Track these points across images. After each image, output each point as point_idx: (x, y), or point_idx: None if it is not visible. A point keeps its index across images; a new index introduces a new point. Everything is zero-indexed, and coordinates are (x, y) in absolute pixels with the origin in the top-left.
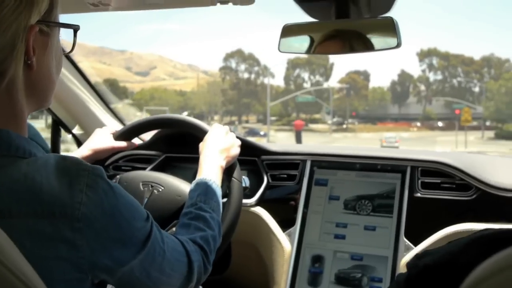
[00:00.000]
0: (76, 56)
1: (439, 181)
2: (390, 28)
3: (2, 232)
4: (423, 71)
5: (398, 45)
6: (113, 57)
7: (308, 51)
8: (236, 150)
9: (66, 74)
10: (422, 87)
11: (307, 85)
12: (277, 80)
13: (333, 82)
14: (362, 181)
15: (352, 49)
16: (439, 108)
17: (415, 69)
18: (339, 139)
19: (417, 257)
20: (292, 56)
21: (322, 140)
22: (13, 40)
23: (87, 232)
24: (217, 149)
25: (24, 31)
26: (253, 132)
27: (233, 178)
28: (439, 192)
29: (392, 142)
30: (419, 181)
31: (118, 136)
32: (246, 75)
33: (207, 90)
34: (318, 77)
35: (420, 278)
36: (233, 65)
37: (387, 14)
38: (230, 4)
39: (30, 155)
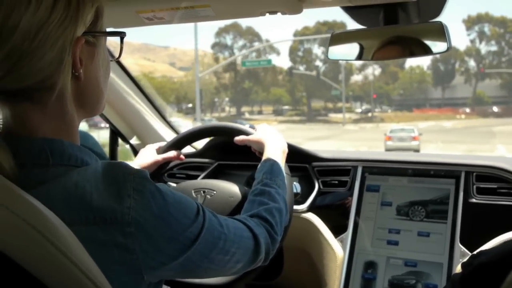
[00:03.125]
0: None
1: (495, 186)
2: (440, 33)
3: (70, 232)
4: (472, 41)
5: (449, 49)
6: (157, 53)
7: (359, 58)
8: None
9: (119, 83)
10: (472, 63)
11: (319, 63)
12: (283, 59)
13: None
14: (415, 187)
15: (412, 54)
16: (494, 89)
17: (462, 40)
18: (336, 134)
19: (473, 256)
20: (299, 26)
21: (316, 135)
22: (60, 55)
23: (139, 235)
24: (280, 142)
25: (71, 44)
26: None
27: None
28: (495, 198)
29: (404, 138)
30: (474, 187)
31: (170, 146)
32: (244, 54)
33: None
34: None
35: (475, 276)
36: (228, 41)
37: (436, 19)
38: (279, 14)
39: (82, 163)
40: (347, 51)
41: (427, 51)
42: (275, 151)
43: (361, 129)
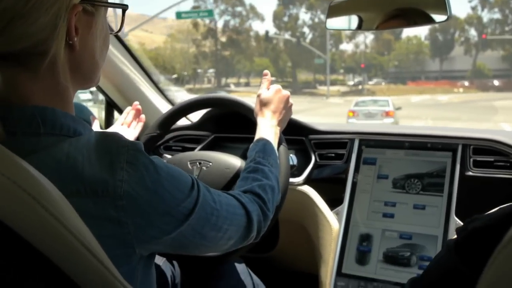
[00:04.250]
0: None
1: (492, 159)
2: (441, 1)
3: (64, 199)
4: (474, 8)
5: (448, 18)
6: (155, 24)
7: (359, 27)
8: (289, 112)
9: (117, 55)
10: (472, 32)
11: (305, 30)
12: (268, 26)
13: None
14: (411, 160)
15: (415, 23)
16: (496, 61)
17: (463, 7)
18: (314, 108)
19: (467, 222)
20: None
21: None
22: (54, 20)
23: (131, 209)
24: (275, 117)
25: (66, 10)
26: None
27: (281, 145)
28: (492, 171)
29: (374, 114)
30: (471, 160)
31: (163, 120)
32: (226, 19)
33: (177, 40)
34: (321, 17)
35: (469, 240)
36: (209, 5)
37: None
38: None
39: (75, 133)
40: (347, 21)
41: (429, 20)
42: (268, 130)
43: (346, 102)
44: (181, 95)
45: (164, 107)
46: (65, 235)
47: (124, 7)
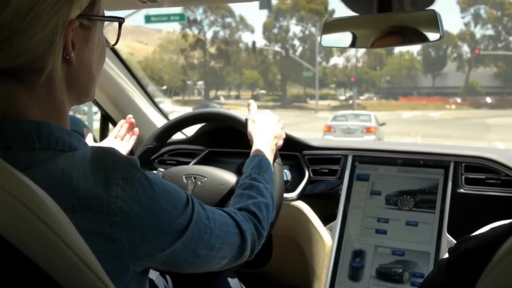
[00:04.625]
0: (112, 35)
1: (483, 177)
2: (433, 21)
3: (63, 213)
4: (467, 24)
5: (441, 37)
6: (150, 36)
7: (353, 45)
8: (281, 142)
9: (112, 67)
10: (465, 48)
11: (296, 42)
12: (258, 37)
13: None
14: (404, 176)
15: (410, 42)
16: (488, 79)
17: (456, 23)
18: (300, 122)
19: (459, 242)
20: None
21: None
22: (51, 36)
23: (125, 225)
24: (269, 134)
25: (63, 26)
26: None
27: (274, 163)
28: (484, 188)
29: (353, 130)
30: (463, 177)
31: (160, 132)
32: (215, 30)
33: (166, 50)
34: (311, 29)
35: (461, 261)
36: (198, 16)
37: (430, 7)
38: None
39: (70, 148)
40: (342, 38)
41: (423, 38)
42: (264, 146)
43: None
44: (165, 107)
45: (158, 120)
46: (63, 249)
47: (120, 21)
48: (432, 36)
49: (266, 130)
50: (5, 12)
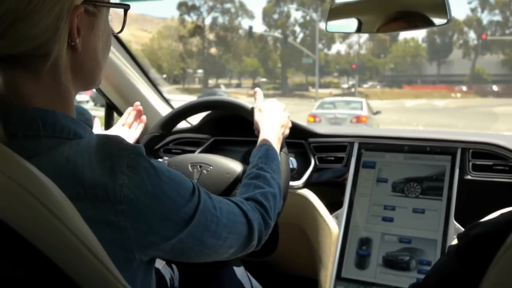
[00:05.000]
0: (117, 24)
1: (491, 163)
2: (441, 5)
3: (68, 200)
4: (473, 10)
5: (448, 21)
6: (154, 24)
7: (359, 30)
8: (288, 131)
9: (117, 55)
10: (471, 34)
11: (297, 28)
12: (258, 24)
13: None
14: (411, 163)
15: (416, 27)
16: (495, 66)
17: (462, 9)
18: (298, 110)
19: (468, 228)
20: None
21: None
22: (56, 21)
23: (131, 213)
24: (276, 123)
25: (68, 12)
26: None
27: (281, 152)
28: (491, 175)
29: (340, 120)
30: (470, 163)
31: (166, 121)
32: (214, 16)
33: (164, 37)
34: (313, 15)
35: (470, 247)
36: (196, 1)
37: None
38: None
39: (75, 136)
40: (347, 24)
41: (429, 23)
42: (271, 135)
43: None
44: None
45: (163, 109)
46: (69, 237)
47: (126, 7)
48: (439, 20)
49: (273, 119)
50: None
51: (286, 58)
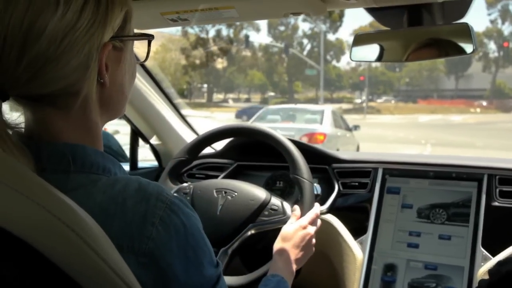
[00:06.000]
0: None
1: None
2: (466, 34)
3: (100, 229)
4: (493, 21)
5: (474, 50)
6: (159, 38)
7: (386, 59)
8: (309, 250)
9: (141, 80)
10: (492, 45)
11: (304, 40)
12: (263, 36)
13: (345, 34)
14: (436, 190)
15: (447, 55)
16: None
17: (481, 20)
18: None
19: (499, 264)
20: None
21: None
22: (86, 61)
23: (151, 268)
24: (287, 248)
25: (97, 50)
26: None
27: (304, 180)
28: None
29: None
30: (497, 190)
31: (191, 147)
32: (218, 28)
33: (168, 50)
34: (321, 26)
35: (503, 284)
36: None
37: (462, 20)
38: (302, 15)
39: (104, 171)
40: (372, 52)
41: (460, 51)
42: (284, 266)
43: None
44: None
45: (187, 134)
46: (107, 272)
47: (150, 38)
48: (465, 48)
49: (283, 245)
50: (40, 40)
51: (292, 71)
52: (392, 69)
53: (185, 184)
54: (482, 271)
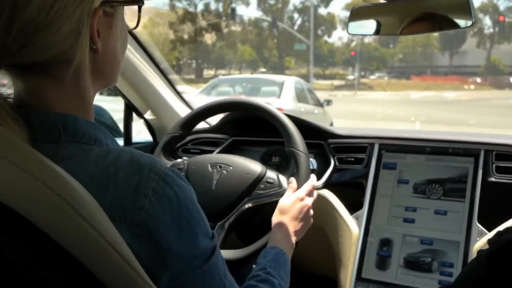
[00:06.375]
0: (128, 17)
1: None
2: (465, 7)
3: (93, 199)
4: None
5: (473, 24)
6: (146, 12)
7: (382, 32)
8: (308, 222)
9: (134, 54)
10: (487, 21)
11: (295, 15)
12: (252, 9)
13: (337, 8)
14: (433, 165)
15: (440, 28)
16: None
17: None
18: None
19: (499, 233)
20: None
21: None
22: (77, 27)
23: (144, 239)
24: (285, 221)
25: (88, 16)
26: None
27: (300, 152)
28: None
29: None
30: (494, 165)
31: (185, 122)
32: (206, 2)
33: (155, 25)
34: (312, 0)
35: (503, 252)
36: None
37: None
38: None
39: (95, 141)
40: (369, 26)
41: (454, 25)
42: (283, 238)
43: (330, 97)
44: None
45: (181, 109)
46: (96, 238)
47: (140, 4)
48: (463, 22)
49: (281, 217)
50: (30, 6)
51: (282, 46)
52: (386, 45)
53: (179, 160)
54: (478, 246)
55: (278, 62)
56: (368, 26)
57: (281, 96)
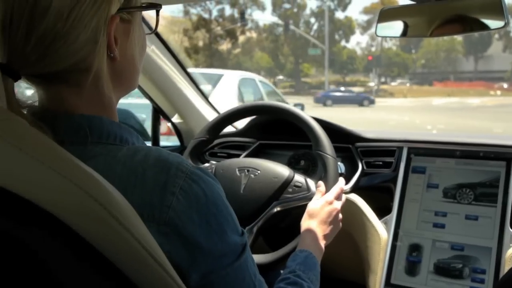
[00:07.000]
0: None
1: None
2: (497, 7)
3: (129, 206)
4: None
5: (506, 25)
6: (163, 19)
7: (412, 34)
8: (337, 225)
9: (162, 58)
10: None
11: (311, 19)
12: (267, 14)
13: (355, 12)
14: (463, 169)
15: (471, 30)
16: None
17: None
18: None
19: None
20: None
21: None
22: (94, 36)
23: (173, 237)
24: (313, 225)
25: (105, 23)
26: None
27: (328, 155)
28: None
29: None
30: None
31: (212, 125)
32: (220, 8)
33: (171, 32)
34: (329, 4)
35: None
36: None
37: None
38: None
39: (121, 141)
40: (396, 27)
41: (485, 27)
42: (312, 242)
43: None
44: None
45: (208, 113)
46: (133, 243)
47: (157, 8)
48: (495, 23)
49: (310, 222)
50: (47, 16)
51: (298, 52)
52: (408, 50)
53: (206, 164)
54: (511, 252)
55: (294, 68)
56: (396, 27)
57: (211, 94)
